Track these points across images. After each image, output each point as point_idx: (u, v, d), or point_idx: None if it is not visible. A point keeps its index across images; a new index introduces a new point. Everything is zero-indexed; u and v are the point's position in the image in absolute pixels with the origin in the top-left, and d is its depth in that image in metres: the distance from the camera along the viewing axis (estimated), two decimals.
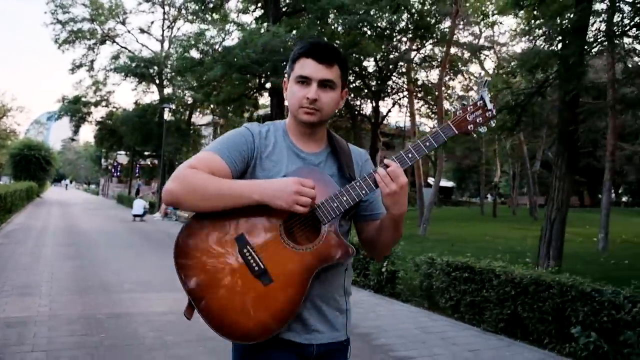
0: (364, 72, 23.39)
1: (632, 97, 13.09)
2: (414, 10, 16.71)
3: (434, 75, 25.16)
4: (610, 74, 12.57)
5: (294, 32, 15.13)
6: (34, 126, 77.57)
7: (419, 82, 24.37)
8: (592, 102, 11.65)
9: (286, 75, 1.70)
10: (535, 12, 9.54)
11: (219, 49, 12.97)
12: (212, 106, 23.93)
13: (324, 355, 1.63)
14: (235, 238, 1.53)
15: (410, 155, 1.57)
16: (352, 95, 23.47)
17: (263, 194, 1.48)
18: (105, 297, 6.80)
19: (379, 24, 16.21)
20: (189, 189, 1.49)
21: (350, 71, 20.31)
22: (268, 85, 16.74)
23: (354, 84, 22.67)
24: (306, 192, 1.47)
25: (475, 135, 1.62)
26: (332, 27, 17.20)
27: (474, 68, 26.64)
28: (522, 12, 10.99)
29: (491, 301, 5.85)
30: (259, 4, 18.01)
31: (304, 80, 1.59)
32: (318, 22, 15.43)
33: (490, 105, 1.59)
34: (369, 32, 16.22)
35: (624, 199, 53.50)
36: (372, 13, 15.12)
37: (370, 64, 23.95)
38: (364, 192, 1.56)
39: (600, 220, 14.45)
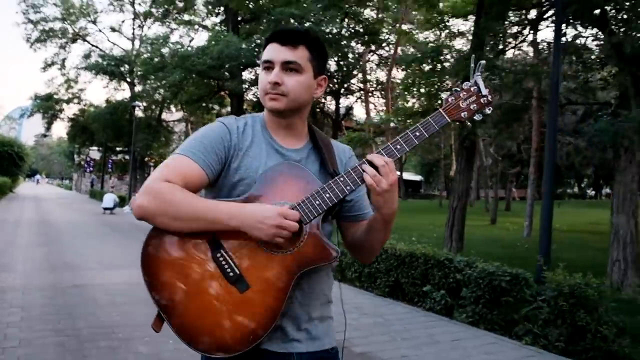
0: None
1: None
2: (361, 18, 18.16)
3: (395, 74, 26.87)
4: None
5: (251, 39, 16.47)
6: (6, 121, 77.37)
7: (375, 81, 25.91)
8: (510, 102, 13.20)
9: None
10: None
11: (177, 56, 14.14)
12: (179, 105, 25.04)
13: None
14: (208, 241, 1.40)
15: (398, 147, 1.44)
16: None
17: (242, 222, 1.35)
18: (70, 273, 8.13)
19: (330, 31, 17.65)
20: (161, 208, 1.36)
21: None
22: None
23: None
24: (289, 227, 1.35)
25: (469, 123, 1.51)
26: None
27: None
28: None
29: (381, 271, 7.35)
30: (221, 10, 19.22)
31: (268, 65, 1.49)
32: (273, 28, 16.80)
33: (484, 91, 1.48)
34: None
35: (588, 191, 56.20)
36: (321, 21, 16.53)
37: (331, 64, 25.45)
38: (348, 188, 1.43)
39: (526, 210, 16.17)
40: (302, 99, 1.52)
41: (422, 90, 10.09)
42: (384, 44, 21.23)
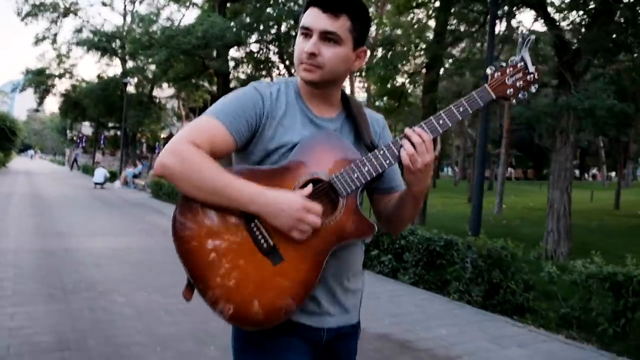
0: None
1: None
2: None
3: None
4: None
5: (237, 18, 17.00)
6: None
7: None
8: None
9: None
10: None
11: (164, 35, 14.70)
12: (169, 82, 25.54)
13: (335, 340, 1.51)
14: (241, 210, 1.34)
15: (441, 122, 1.39)
16: None
17: (262, 208, 1.31)
18: (59, 239, 8.87)
19: None
20: (185, 173, 1.31)
21: None
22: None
23: None
24: (311, 222, 1.31)
25: (514, 101, 1.46)
26: (273, 13, 19.06)
27: None
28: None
29: None
30: None
31: (306, 32, 1.41)
32: (257, 11, 17.29)
33: (531, 68, 1.43)
34: None
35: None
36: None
37: None
38: (387, 162, 1.39)
39: (497, 189, 16.99)
40: (338, 71, 1.44)
41: (382, 73, 10.73)
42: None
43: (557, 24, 7.80)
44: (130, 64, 35.27)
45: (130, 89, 33.59)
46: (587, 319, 4.84)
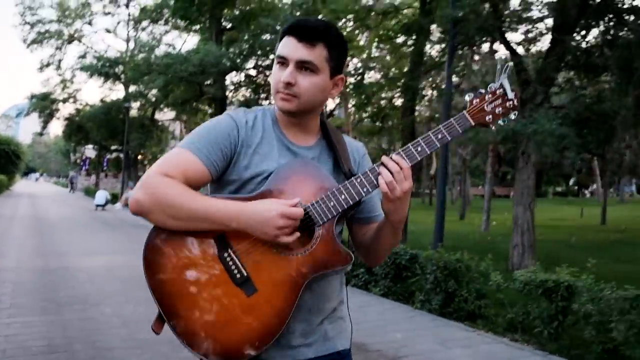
0: None
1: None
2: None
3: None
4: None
5: (233, 45, 17.76)
6: (3, 120, 78.46)
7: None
8: None
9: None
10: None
11: (162, 63, 15.42)
12: (169, 106, 26.30)
13: None
14: (214, 239, 1.32)
15: (419, 149, 1.37)
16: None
17: (242, 224, 1.29)
18: (58, 258, 9.42)
19: None
20: (158, 205, 1.29)
21: None
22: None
23: None
24: (291, 225, 1.29)
25: (493, 127, 1.42)
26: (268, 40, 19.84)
27: None
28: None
29: None
30: (203, 20, 20.47)
31: (282, 61, 1.39)
32: (252, 38, 18.05)
33: (511, 94, 1.41)
34: None
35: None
36: None
37: None
38: (365, 190, 1.36)
39: (484, 206, 17.49)
40: (315, 101, 1.43)
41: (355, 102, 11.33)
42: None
43: (517, 53, 8.41)
44: (132, 88, 36.26)
45: (133, 112, 34.43)
46: (528, 323, 5.34)
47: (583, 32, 13.33)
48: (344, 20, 14.10)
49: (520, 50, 8.96)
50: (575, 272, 5.13)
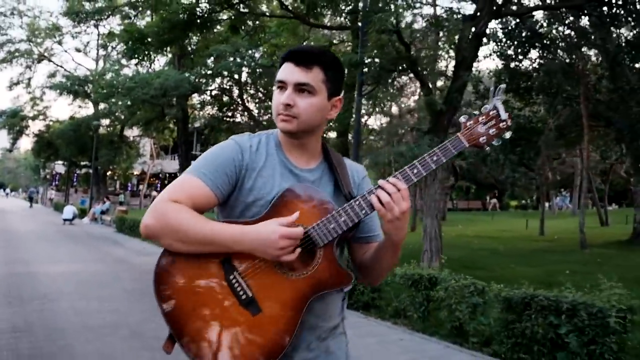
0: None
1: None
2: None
3: None
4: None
5: (193, 70, 18.98)
6: None
7: None
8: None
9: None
10: None
11: (125, 87, 16.52)
12: (135, 125, 27.32)
13: None
14: (221, 262, 1.42)
15: (415, 171, 1.43)
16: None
17: (245, 246, 1.38)
18: (24, 265, 10.46)
19: (262, 63, 20.29)
20: (167, 229, 1.39)
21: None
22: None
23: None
24: (291, 245, 1.37)
25: (487, 148, 1.48)
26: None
27: None
28: None
29: None
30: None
31: (282, 85, 1.49)
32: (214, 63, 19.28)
33: (504, 115, 1.46)
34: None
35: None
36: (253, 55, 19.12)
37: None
38: (364, 212, 1.42)
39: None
40: (314, 121, 1.51)
41: None
42: None
43: (429, 86, 9.83)
44: (102, 105, 37.02)
45: (101, 129, 35.23)
46: (405, 309, 6.65)
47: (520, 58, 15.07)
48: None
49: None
50: (475, 273, 6.37)
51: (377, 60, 8.00)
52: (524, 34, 13.89)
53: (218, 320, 1.39)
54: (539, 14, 14.54)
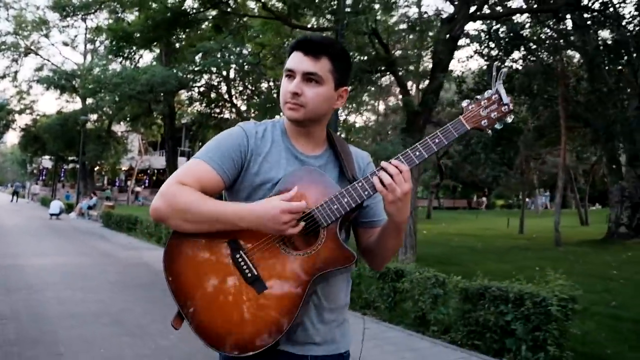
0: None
1: None
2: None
3: None
4: None
5: (180, 66, 19.22)
6: None
7: None
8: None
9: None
10: None
11: (112, 83, 16.73)
12: (123, 120, 27.50)
13: None
14: (227, 242, 1.46)
15: (417, 154, 1.46)
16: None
17: (251, 222, 1.42)
18: (10, 258, 10.71)
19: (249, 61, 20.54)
20: (175, 210, 1.44)
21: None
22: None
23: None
24: (291, 221, 1.41)
25: (490, 132, 1.51)
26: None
27: None
28: None
29: None
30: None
31: (290, 74, 1.53)
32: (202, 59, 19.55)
33: (506, 99, 1.48)
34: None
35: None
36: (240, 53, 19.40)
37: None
38: (366, 193, 1.45)
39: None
40: (320, 110, 1.54)
41: None
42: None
43: (407, 89, 10.21)
44: (89, 100, 37.02)
45: (89, 124, 35.28)
46: (374, 300, 7.02)
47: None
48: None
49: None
50: (449, 269, 6.73)
51: (355, 60, 8.33)
52: (505, 36, 14.31)
53: (224, 297, 1.43)
54: (522, 16, 15.01)
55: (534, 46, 16.16)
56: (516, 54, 16.14)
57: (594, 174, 29.73)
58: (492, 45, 14.84)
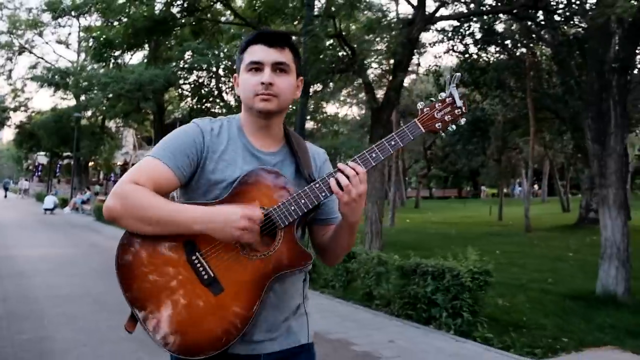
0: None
1: None
2: None
3: None
4: None
5: (166, 66, 19.93)
6: None
7: None
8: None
9: (237, 70, 1.61)
10: None
11: (101, 82, 17.47)
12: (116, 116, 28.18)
13: None
14: (183, 244, 1.43)
15: (374, 155, 1.48)
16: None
17: (205, 226, 1.39)
18: (5, 250, 11.48)
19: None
20: (128, 211, 1.40)
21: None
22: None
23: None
24: (253, 229, 1.39)
25: (443, 133, 1.56)
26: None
27: None
28: None
29: None
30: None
31: (256, 67, 1.52)
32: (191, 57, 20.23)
33: (459, 102, 1.53)
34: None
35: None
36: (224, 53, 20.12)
37: None
38: (323, 194, 1.46)
39: (390, 206, 20.17)
40: (289, 99, 1.56)
41: None
42: None
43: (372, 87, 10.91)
44: (83, 97, 37.59)
45: (83, 120, 35.91)
46: (333, 280, 7.80)
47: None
48: None
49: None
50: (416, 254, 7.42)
51: (316, 62, 9.04)
52: (475, 32, 14.99)
53: (179, 299, 1.41)
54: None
55: (507, 42, 16.86)
56: (492, 48, 16.85)
57: (575, 163, 30.52)
58: (468, 41, 15.57)
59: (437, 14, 11.33)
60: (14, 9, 37.88)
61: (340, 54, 10.83)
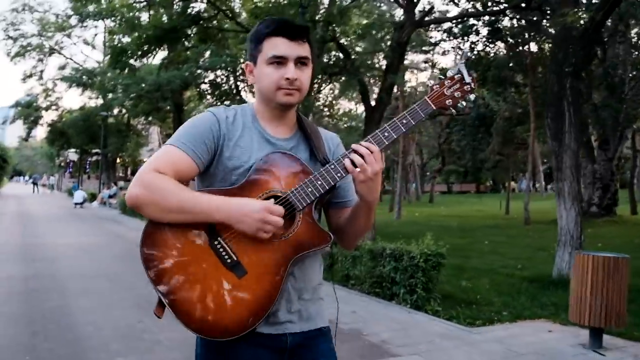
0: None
1: None
2: None
3: None
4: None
5: (184, 66, 21.10)
6: None
7: None
8: None
9: (249, 58, 1.60)
10: None
11: (122, 82, 18.69)
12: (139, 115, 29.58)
13: (301, 344, 1.59)
14: (205, 229, 1.46)
15: (386, 134, 1.50)
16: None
17: (227, 216, 1.42)
18: (36, 238, 12.81)
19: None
20: (151, 198, 1.43)
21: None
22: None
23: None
24: (273, 222, 1.41)
25: (454, 110, 1.57)
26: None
27: None
28: None
29: None
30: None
31: (279, 61, 1.52)
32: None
33: (468, 79, 1.55)
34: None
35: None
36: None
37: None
38: (339, 175, 1.49)
39: (396, 200, 20.99)
40: (307, 91, 1.58)
41: None
42: None
43: (366, 87, 11.87)
44: (110, 95, 39.05)
45: (110, 118, 37.53)
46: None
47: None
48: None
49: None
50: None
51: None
52: (479, 30, 15.65)
53: (204, 282, 1.43)
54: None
55: (511, 40, 17.46)
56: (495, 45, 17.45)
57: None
58: (474, 39, 16.22)
59: (427, 18, 12.13)
60: (43, 12, 39.51)
61: (334, 56, 11.72)
